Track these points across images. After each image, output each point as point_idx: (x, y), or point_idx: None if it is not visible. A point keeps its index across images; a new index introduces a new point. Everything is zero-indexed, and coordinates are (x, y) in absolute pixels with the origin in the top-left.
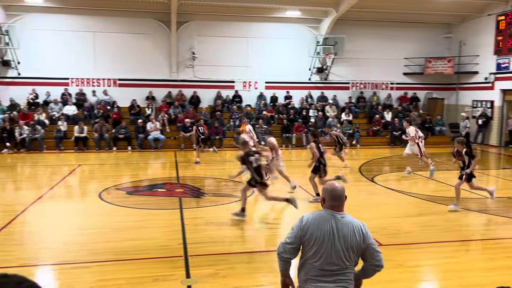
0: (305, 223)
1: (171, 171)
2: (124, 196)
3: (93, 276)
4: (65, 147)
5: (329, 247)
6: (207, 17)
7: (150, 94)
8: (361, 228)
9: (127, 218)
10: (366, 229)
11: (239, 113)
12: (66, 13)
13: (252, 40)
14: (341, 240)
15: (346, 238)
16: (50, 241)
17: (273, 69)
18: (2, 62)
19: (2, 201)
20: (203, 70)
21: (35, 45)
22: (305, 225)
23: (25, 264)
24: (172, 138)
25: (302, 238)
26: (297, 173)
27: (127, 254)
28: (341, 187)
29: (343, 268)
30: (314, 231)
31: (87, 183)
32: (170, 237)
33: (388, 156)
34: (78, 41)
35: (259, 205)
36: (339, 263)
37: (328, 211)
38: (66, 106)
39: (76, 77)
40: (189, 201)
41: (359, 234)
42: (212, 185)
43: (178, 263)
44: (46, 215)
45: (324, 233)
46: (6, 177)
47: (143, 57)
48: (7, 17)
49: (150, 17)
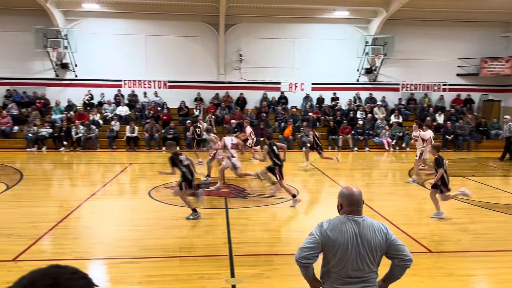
0: (326, 230)
1: (217, 171)
2: (172, 194)
3: (142, 271)
4: (117, 146)
5: (354, 253)
6: (254, 19)
7: (198, 95)
8: (382, 228)
9: (175, 216)
10: (387, 227)
11: (284, 114)
12: (120, 18)
13: (298, 41)
14: (365, 244)
15: (369, 242)
16: (102, 236)
17: (320, 70)
18: (61, 65)
19: (59, 196)
20: (250, 72)
21: (91, 48)
22: (326, 231)
23: (79, 257)
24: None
25: (323, 245)
26: (343, 176)
27: (174, 252)
28: (359, 191)
29: (368, 272)
30: (337, 238)
31: (137, 181)
32: (215, 236)
33: None
34: (131, 44)
35: (305, 208)
36: (364, 268)
37: (348, 217)
38: (119, 107)
39: (129, 79)
40: (234, 201)
41: (380, 234)
42: (257, 185)
43: (223, 262)
44: (99, 211)
45: (348, 239)
46: (62, 174)
47: (192, 59)
48: (66, 22)
49: (199, 20)
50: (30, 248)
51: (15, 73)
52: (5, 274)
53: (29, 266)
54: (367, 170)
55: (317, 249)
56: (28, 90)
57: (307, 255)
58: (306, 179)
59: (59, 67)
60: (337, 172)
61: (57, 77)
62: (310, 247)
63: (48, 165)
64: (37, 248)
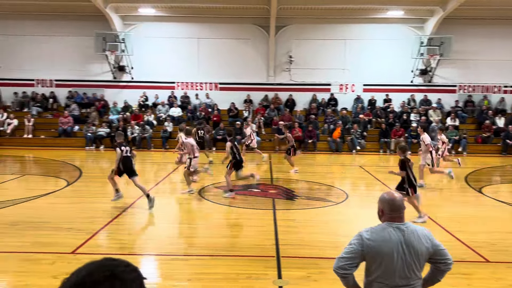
0: (367, 239)
1: (265, 172)
2: (221, 194)
3: (191, 268)
4: (170, 146)
5: (400, 262)
6: (305, 21)
7: (248, 97)
8: (426, 233)
9: (223, 215)
10: (431, 233)
11: (334, 116)
12: (174, 21)
13: (350, 42)
14: (411, 251)
15: (415, 249)
16: (154, 233)
17: (372, 71)
18: (118, 68)
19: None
20: (299, 73)
21: (146, 51)
22: (367, 241)
23: (133, 252)
24: (267, 140)
25: (364, 255)
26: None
27: (223, 250)
28: (400, 196)
29: (414, 279)
30: (381, 248)
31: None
32: (263, 236)
33: (499, 165)
34: (184, 47)
35: (354, 212)
36: (411, 276)
37: (391, 224)
38: (172, 108)
39: (181, 81)
40: (282, 203)
41: (425, 240)
42: (305, 188)
43: (270, 263)
44: (152, 208)
45: (393, 248)
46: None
47: (242, 61)
48: (124, 26)
49: (250, 22)
50: (88, 242)
51: (77, 76)
52: (65, 265)
53: (86, 259)
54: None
55: (355, 259)
56: (88, 92)
57: (344, 265)
58: (356, 182)
59: (116, 69)
60: (388, 175)
61: (115, 79)
62: (347, 257)
63: (105, 163)
64: (94, 242)
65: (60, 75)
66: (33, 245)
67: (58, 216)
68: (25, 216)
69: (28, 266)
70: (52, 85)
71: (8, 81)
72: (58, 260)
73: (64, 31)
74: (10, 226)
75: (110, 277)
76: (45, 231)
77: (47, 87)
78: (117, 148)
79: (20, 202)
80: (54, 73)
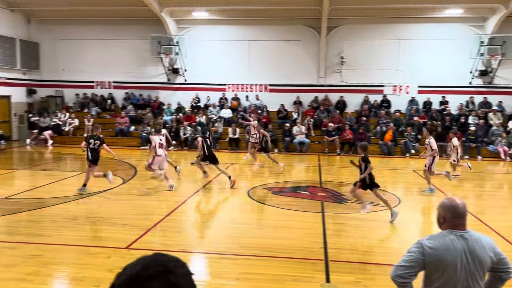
0: (429, 247)
1: (314, 174)
2: (270, 195)
3: (239, 268)
4: (220, 147)
5: (464, 272)
6: (357, 21)
7: (297, 98)
8: (490, 242)
9: (272, 216)
10: (494, 241)
11: (387, 118)
12: (226, 24)
13: (404, 42)
14: (476, 261)
15: (480, 258)
16: (204, 231)
17: (428, 72)
18: (172, 70)
19: (167, 192)
20: (351, 75)
21: (198, 54)
22: (429, 250)
23: (183, 250)
24: (317, 142)
25: (425, 264)
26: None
27: (270, 251)
28: (462, 202)
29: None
30: (444, 257)
31: (237, 181)
32: (311, 239)
33: None
34: (235, 49)
35: (406, 218)
36: (474, 286)
37: (453, 231)
38: (223, 110)
39: (232, 83)
40: (331, 206)
41: (490, 249)
42: (355, 191)
43: (318, 266)
44: (202, 207)
45: (456, 257)
46: (170, 171)
47: (292, 63)
48: (178, 29)
49: (301, 24)
50: (141, 238)
51: (133, 78)
52: (119, 260)
53: (139, 254)
54: (478, 180)
55: (415, 268)
56: (144, 93)
57: (403, 274)
58: (409, 187)
59: (170, 72)
60: (444, 181)
61: (169, 81)
62: (406, 265)
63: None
64: (146, 238)
65: (117, 77)
66: (91, 239)
67: (114, 212)
68: (84, 211)
69: (85, 259)
70: (110, 87)
71: (71, 83)
72: (114, 255)
73: (122, 35)
74: (70, 220)
75: (164, 272)
76: (102, 226)
77: (106, 89)
78: (88, 140)
79: (80, 198)
80: (112, 76)
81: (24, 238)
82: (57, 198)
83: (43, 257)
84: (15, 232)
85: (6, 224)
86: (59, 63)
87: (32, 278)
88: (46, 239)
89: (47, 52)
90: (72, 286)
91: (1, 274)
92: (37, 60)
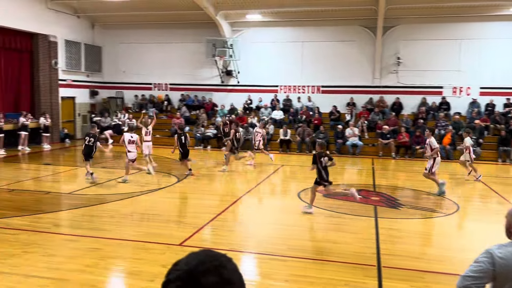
0: (500, 258)
1: (367, 178)
2: (321, 198)
3: (289, 269)
4: (271, 148)
5: None
6: (414, 20)
7: (351, 100)
8: None
9: (323, 219)
10: None
11: (446, 121)
12: (279, 26)
13: (465, 42)
14: None
15: None
16: (254, 232)
17: (491, 73)
18: (226, 72)
19: (219, 191)
20: (407, 76)
21: (251, 56)
22: (500, 259)
23: (233, 249)
24: (370, 145)
25: (495, 275)
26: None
27: (321, 254)
28: None
29: None
30: None
31: (288, 182)
32: (363, 244)
33: None
34: (288, 51)
35: (464, 225)
36: None
37: None
38: (274, 111)
39: (284, 85)
40: (384, 211)
41: None
42: (410, 196)
43: (370, 272)
44: (252, 208)
45: None
46: (222, 171)
47: (347, 64)
48: (232, 32)
49: (356, 24)
50: (194, 235)
51: (188, 80)
52: (173, 256)
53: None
54: None
55: (484, 279)
56: (198, 95)
57: (471, 284)
58: (469, 193)
59: (224, 74)
60: (508, 188)
61: (222, 83)
62: (474, 276)
63: (211, 162)
64: (199, 236)
65: (174, 79)
66: (146, 235)
67: (169, 210)
68: (140, 208)
69: (141, 254)
70: (167, 89)
71: (130, 85)
72: (168, 251)
73: (178, 39)
74: (127, 216)
75: (219, 266)
76: (157, 223)
77: (163, 90)
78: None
79: (137, 195)
80: (169, 78)
81: (85, 232)
82: (116, 194)
83: (102, 250)
84: (78, 225)
85: (69, 218)
86: (120, 65)
87: (92, 270)
88: (106, 234)
89: (109, 55)
90: (128, 279)
91: (64, 265)
92: (99, 63)
